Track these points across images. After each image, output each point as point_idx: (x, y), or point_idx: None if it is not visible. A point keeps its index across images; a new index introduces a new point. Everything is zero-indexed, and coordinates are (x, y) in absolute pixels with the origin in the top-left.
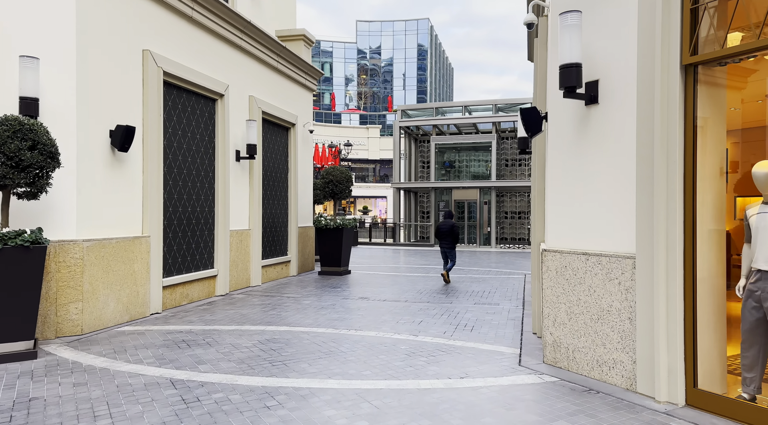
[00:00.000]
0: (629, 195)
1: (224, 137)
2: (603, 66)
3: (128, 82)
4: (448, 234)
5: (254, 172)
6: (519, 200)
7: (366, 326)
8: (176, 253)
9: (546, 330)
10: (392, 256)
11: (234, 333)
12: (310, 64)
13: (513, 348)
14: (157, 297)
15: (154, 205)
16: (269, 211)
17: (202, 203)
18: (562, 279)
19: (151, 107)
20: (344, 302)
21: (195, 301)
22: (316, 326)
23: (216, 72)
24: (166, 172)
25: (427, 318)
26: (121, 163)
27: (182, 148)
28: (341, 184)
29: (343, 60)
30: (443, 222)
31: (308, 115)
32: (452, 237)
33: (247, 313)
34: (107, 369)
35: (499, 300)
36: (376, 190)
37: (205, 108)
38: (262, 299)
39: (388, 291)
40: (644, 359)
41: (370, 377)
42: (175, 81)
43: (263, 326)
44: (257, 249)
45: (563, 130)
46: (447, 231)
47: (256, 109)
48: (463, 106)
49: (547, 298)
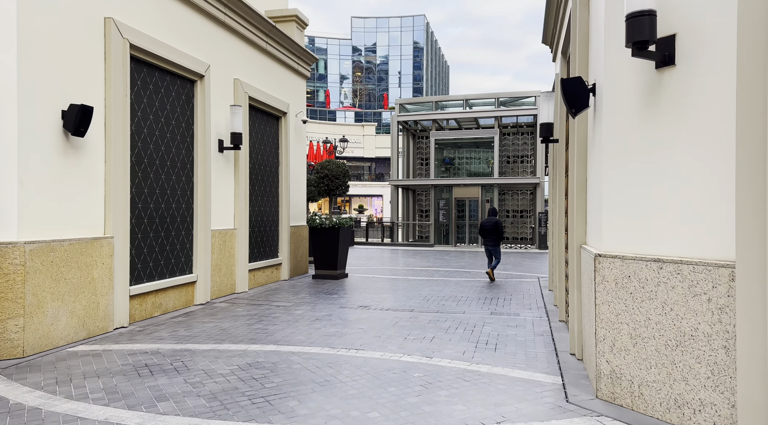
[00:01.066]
0: (723, 184)
1: (205, 124)
2: (681, 16)
3: (87, 55)
4: (492, 232)
5: (240, 165)
6: (521, 198)
7: (368, 344)
8: (147, 257)
9: (600, 356)
10: (391, 257)
11: (210, 355)
12: (303, 48)
13: (552, 376)
14: (122, 308)
15: (119, 200)
16: (257, 209)
17: (178, 199)
18: (623, 293)
19: (115, 85)
20: (342, 312)
21: (170, 312)
22: (309, 344)
23: (195, 49)
24: (134, 163)
25: (439, 332)
26: (77, 151)
27: (154, 135)
28: (337, 178)
29: (337, 57)
30: (487, 219)
31: (301, 104)
32: (496, 235)
33: (228, 327)
34: (38, 410)
35: (518, 309)
36: (372, 189)
37: (182, 90)
38: (248, 309)
39: (390, 299)
40: (749, 403)
41: (380, 422)
42: (146, 57)
43: (246, 344)
44: (243, 251)
45: (624, 102)
46: (491, 229)
47: (241, 93)
48: (464, 99)
49: (601, 316)
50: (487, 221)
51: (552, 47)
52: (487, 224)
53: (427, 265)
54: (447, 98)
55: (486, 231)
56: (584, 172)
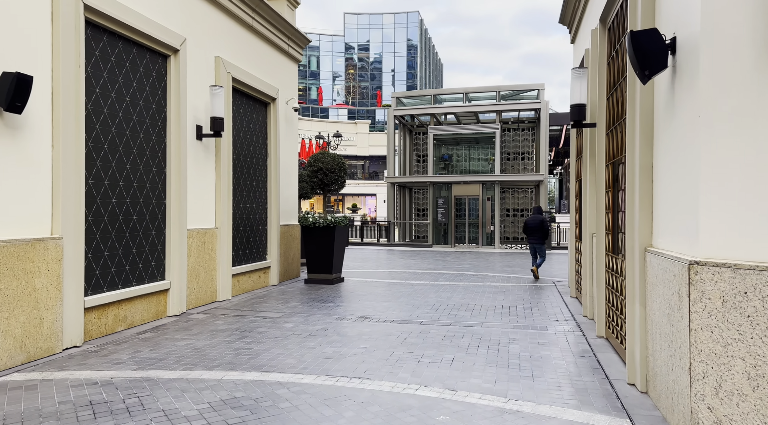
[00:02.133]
0: None
1: (180, 107)
2: None
3: (28, 15)
4: (538, 230)
5: (222, 155)
6: (522, 196)
7: (375, 370)
8: (108, 261)
9: (697, 400)
10: (388, 259)
11: (175, 387)
12: (294, 28)
13: (618, 419)
14: (74, 324)
15: (71, 193)
16: (243, 206)
17: (147, 192)
18: (736, 316)
19: (66, 54)
20: (339, 325)
21: (136, 326)
22: (300, 370)
23: (168, 19)
24: (92, 148)
25: (459, 353)
26: (13, 131)
27: (117, 117)
28: (333, 173)
29: (330, 53)
30: (532, 217)
31: (292, 90)
32: (542, 233)
33: (203, 347)
34: None
35: (544, 321)
36: (366, 188)
37: (152, 65)
38: (230, 321)
39: (394, 307)
40: None
41: None
42: (106, 22)
43: (223, 371)
44: (226, 254)
45: (740, 55)
46: (536, 227)
47: (224, 73)
48: (464, 92)
49: (700, 346)
50: (532, 219)
51: (572, 24)
52: (532, 222)
53: (429, 268)
54: (445, 91)
55: (531, 230)
56: (649, 154)
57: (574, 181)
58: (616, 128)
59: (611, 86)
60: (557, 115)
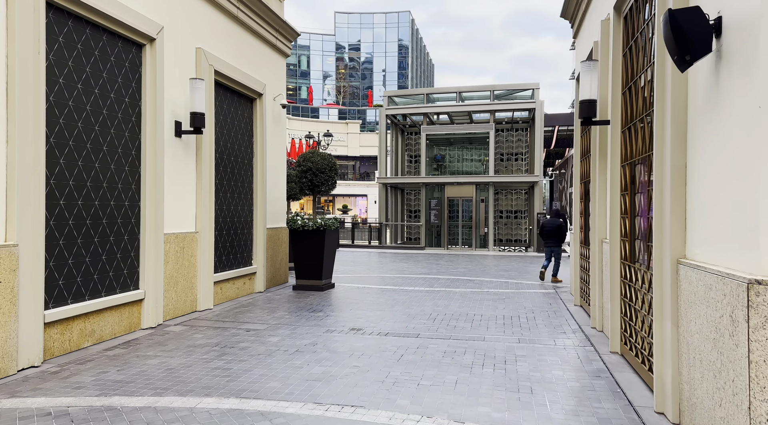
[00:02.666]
0: None
1: (156, 101)
2: None
3: None
4: (554, 234)
5: (203, 154)
6: (515, 198)
7: (369, 395)
8: (73, 270)
9: None
10: (380, 262)
11: (141, 419)
12: (282, 20)
13: None
14: (32, 341)
15: (29, 194)
16: (227, 208)
17: (119, 194)
18: None
19: (23, 39)
20: (329, 339)
21: (106, 341)
22: (285, 396)
23: (143, 5)
24: (54, 145)
25: (462, 373)
26: None
27: (84, 110)
28: (323, 173)
29: (320, 53)
30: (550, 220)
31: (280, 86)
32: (558, 237)
33: (178, 366)
34: None
35: (550, 334)
36: (356, 188)
37: (125, 55)
38: (210, 334)
39: (388, 318)
40: None
41: None
42: (71, 5)
43: (198, 397)
44: (207, 260)
45: None
46: (553, 231)
47: (205, 66)
48: (457, 91)
49: (764, 382)
50: (549, 223)
51: (576, 17)
52: (549, 226)
53: (423, 272)
54: (438, 91)
55: (548, 233)
56: (682, 154)
57: (578, 183)
58: (635, 125)
59: (629, 80)
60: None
